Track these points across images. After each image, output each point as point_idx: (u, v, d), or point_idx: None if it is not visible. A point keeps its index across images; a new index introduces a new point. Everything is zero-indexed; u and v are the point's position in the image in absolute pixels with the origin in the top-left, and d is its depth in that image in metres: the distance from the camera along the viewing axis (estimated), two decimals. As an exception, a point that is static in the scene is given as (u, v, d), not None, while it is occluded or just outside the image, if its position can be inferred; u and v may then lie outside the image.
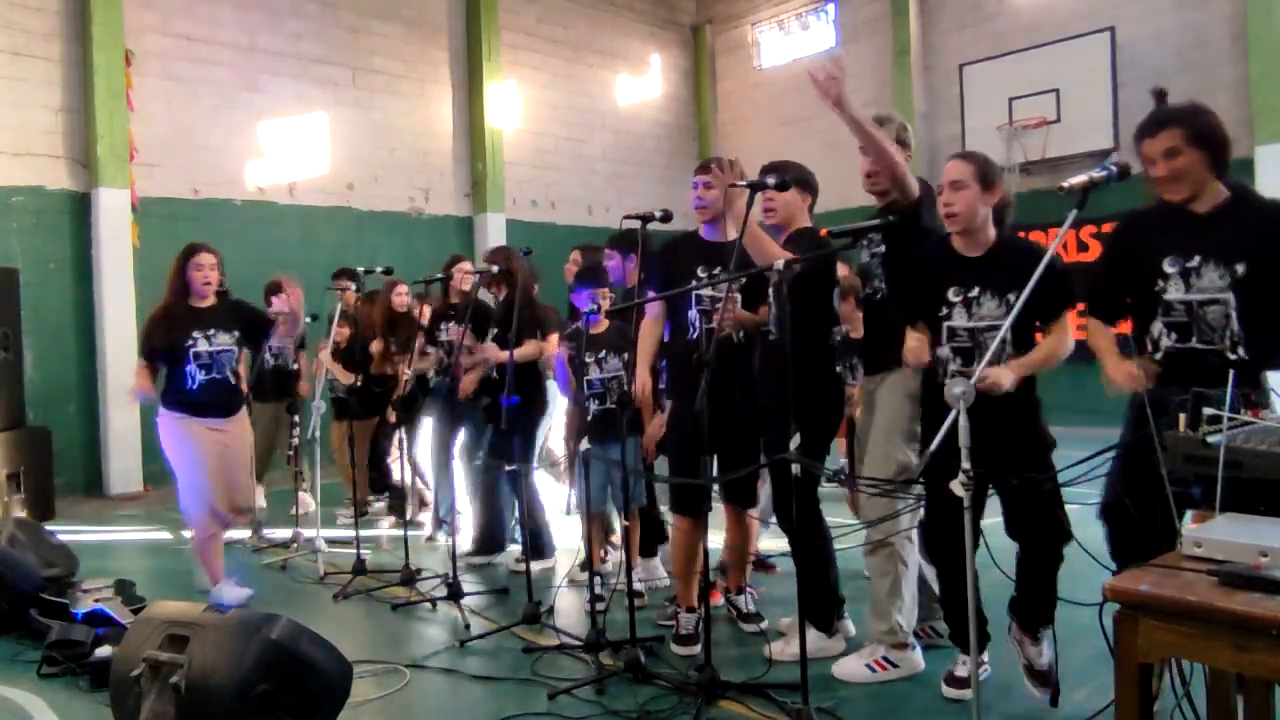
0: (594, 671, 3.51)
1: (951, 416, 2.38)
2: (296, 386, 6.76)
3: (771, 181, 3.20)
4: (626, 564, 3.69)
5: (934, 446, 2.42)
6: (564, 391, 4.81)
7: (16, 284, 7.60)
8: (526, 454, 5.04)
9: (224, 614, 2.78)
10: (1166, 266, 2.67)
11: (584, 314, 4.25)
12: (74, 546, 5.12)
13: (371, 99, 10.71)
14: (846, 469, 4.33)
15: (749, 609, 4.06)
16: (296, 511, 6.18)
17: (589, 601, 3.98)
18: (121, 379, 8.53)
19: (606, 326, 4.51)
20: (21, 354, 7.59)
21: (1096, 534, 2.76)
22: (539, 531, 5.17)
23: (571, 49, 12.78)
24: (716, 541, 4.34)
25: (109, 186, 8.54)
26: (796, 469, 2.95)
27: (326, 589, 4.93)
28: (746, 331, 3.78)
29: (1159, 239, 2.71)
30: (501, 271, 5.03)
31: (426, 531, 6.06)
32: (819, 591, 3.58)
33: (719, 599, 4.18)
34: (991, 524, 2.95)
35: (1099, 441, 2.61)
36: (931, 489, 3.00)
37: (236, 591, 4.59)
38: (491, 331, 5.31)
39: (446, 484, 5.47)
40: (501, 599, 4.68)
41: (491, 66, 11.57)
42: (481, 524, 5.46)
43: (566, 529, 5.65)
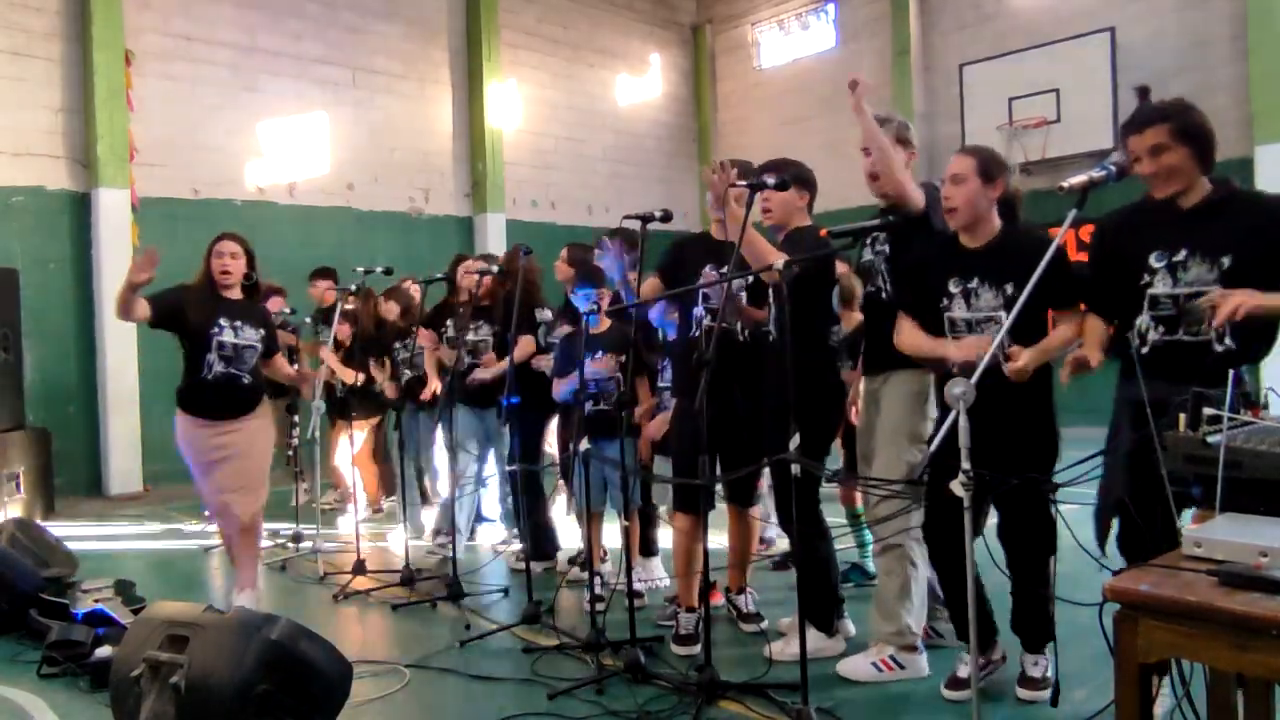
0: (594, 671, 3.50)
1: (952, 416, 2.38)
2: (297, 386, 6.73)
3: (771, 181, 3.19)
4: (626, 564, 3.69)
5: (934, 446, 2.41)
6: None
7: (16, 284, 7.61)
8: (528, 454, 5.02)
9: (224, 614, 2.78)
10: (1153, 261, 2.67)
11: (584, 314, 4.24)
12: (74, 546, 5.13)
13: (371, 99, 10.71)
14: (844, 466, 4.32)
15: (749, 609, 4.06)
16: (296, 506, 6.19)
17: (589, 601, 3.98)
18: (122, 379, 8.56)
19: (607, 327, 4.51)
20: (21, 354, 7.59)
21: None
22: (542, 531, 5.16)
23: (571, 49, 12.78)
24: (717, 542, 4.33)
25: (109, 186, 8.55)
26: (796, 469, 2.95)
27: (326, 589, 4.93)
28: (750, 330, 3.77)
29: (1145, 234, 2.72)
30: (501, 271, 5.02)
31: (428, 532, 5.98)
32: (819, 592, 3.58)
33: (719, 599, 4.18)
34: (992, 524, 2.95)
35: (1099, 442, 2.61)
36: (931, 489, 3.00)
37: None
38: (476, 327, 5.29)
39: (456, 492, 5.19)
40: (501, 599, 4.68)
41: (491, 66, 11.57)
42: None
43: (566, 530, 5.65)
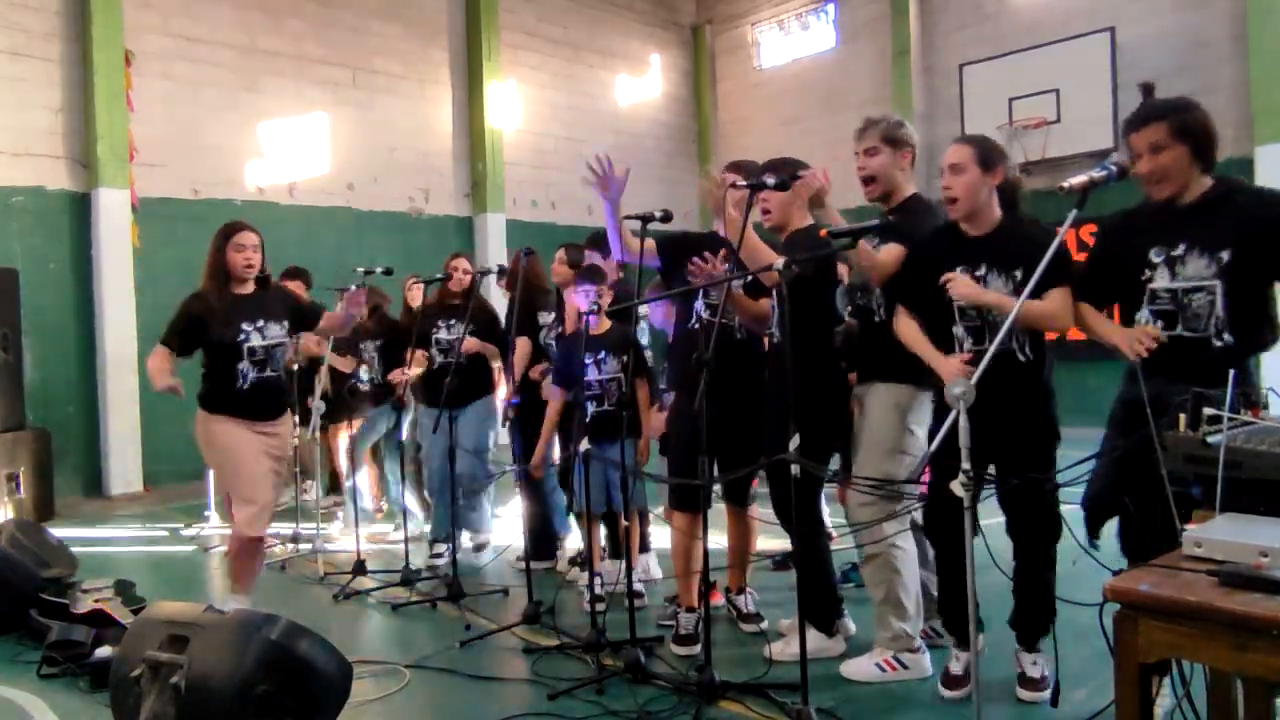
0: (594, 671, 3.50)
1: (952, 417, 2.38)
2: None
3: (771, 182, 3.19)
4: (626, 564, 3.69)
5: (934, 446, 2.41)
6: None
7: (16, 284, 7.61)
8: (529, 454, 5.01)
9: (224, 614, 2.78)
10: (1152, 256, 2.68)
11: (584, 314, 4.23)
12: (74, 547, 5.13)
13: (371, 99, 10.71)
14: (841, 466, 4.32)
15: (749, 609, 4.06)
16: (297, 508, 6.18)
17: (589, 602, 3.98)
18: (122, 379, 8.55)
19: (608, 327, 4.49)
20: (21, 354, 7.60)
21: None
22: (544, 530, 5.16)
23: (571, 49, 12.79)
24: (716, 542, 4.33)
25: (109, 187, 8.55)
26: (796, 469, 2.95)
27: (326, 589, 4.93)
28: (747, 328, 3.77)
29: (1145, 230, 2.73)
30: (501, 271, 5.02)
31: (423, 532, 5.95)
32: (819, 592, 3.58)
33: (719, 599, 4.17)
34: (993, 524, 2.95)
35: (1099, 442, 2.61)
36: (933, 487, 3.00)
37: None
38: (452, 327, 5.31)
39: (445, 497, 5.12)
40: (501, 599, 4.69)
41: (491, 66, 11.57)
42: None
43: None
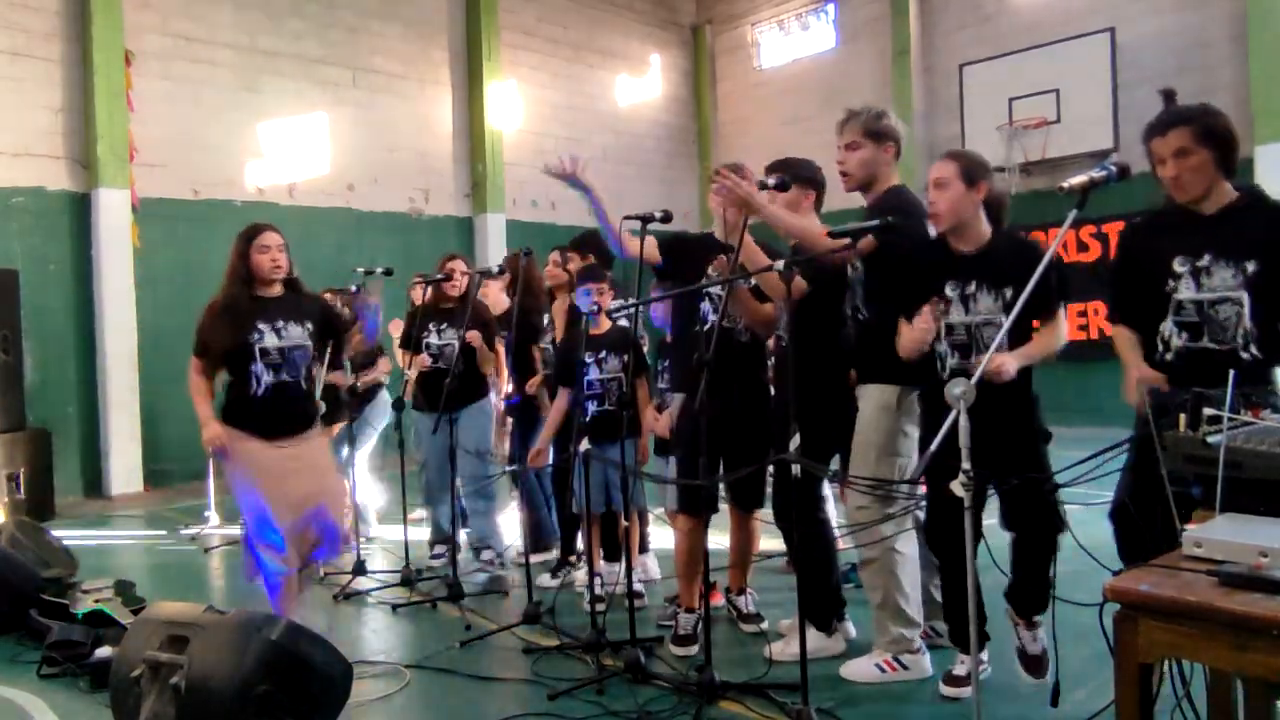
0: (594, 672, 3.50)
1: (951, 417, 2.38)
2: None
3: (772, 182, 3.19)
4: (626, 564, 3.69)
5: (934, 447, 2.41)
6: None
7: (17, 285, 7.62)
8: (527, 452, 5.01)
9: (224, 614, 2.78)
10: (1177, 266, 2.65)
11: (584, 314, 4.23)
12: (74, 547, 5.13)
13: (371, 99, 10.72)
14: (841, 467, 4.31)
15: (749, 609, 4.06)
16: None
17: (589, 602, 3.98)
18: (122, 379, 8.56)
19: (608, 326, 4.48)
20: (22, 355, 7.60)
21: (1096, 533, 2.76)
22: (540, 523, 5.16)
23: (571, 49, 12.79)
24: (717, 543, 4.33)
25: (109, 187, 8.55)
26: (796, 469, 2.95)
27: (326, 589, 4.93)
28: (753, 331, 3.77)
29: (1169, 239, 2.71)
30: (501, 270, 5.02)
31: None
32: (819, 592, 3.58)
33: (719, 599, 4.17)
34: (991, 524, 2.95)
35: (1099, 442, 2.60)
36: (932, 488, 3.00)
37: None
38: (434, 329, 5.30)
39: (445, 498, 5.11)
40: (501, 599, 4.68)
41: (491, 66, 11.57)
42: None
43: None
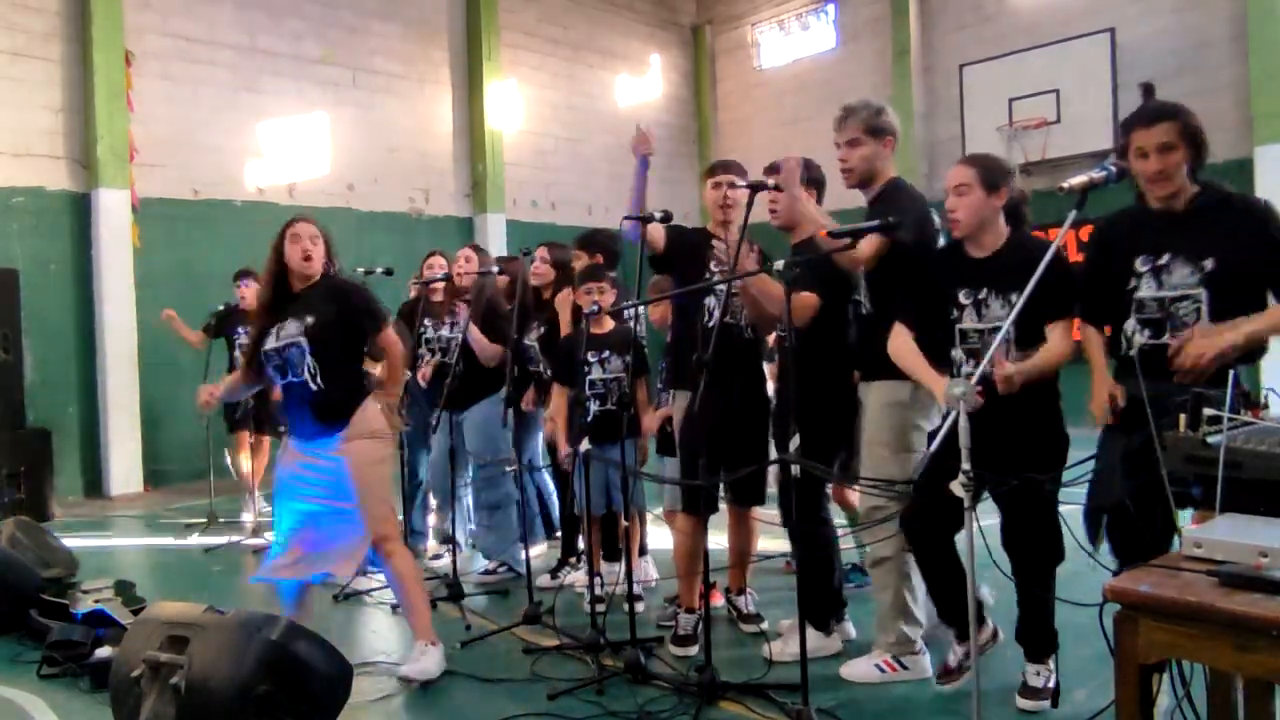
0: (594, 672, 3.50)
1: (952, 417, 2.38)
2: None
3: (771, 182, 3.19)
4: (626, 564, 3.69)
5: (934, 447, 2.42)
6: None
7: (17, 285, 7.62)
8: (525, 451, 5.00)
9: (224, 615, 2.78)
10: (1138, 265, 2.68)
11: (585, 313, 4.22)
12: (74, 546, 5.13)
13: (371, 99, 10.72)
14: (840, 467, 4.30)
15: (749, 610, 4.06)
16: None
17: (589, 602, 3.98)
18: (121, 379, 8.56)
19: (611, 326, 4.47)
20: (21, 355, 7.60)
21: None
22: (536, 518, 5.15)
23: (571, 49, 12.78)
24: (717, 543, 4.33)
25: (109, 187, 8.55)
26: (796, 469, 2.95)
27: (326, 589, 4.92)
28: (754, 328, 3.76)
29: (1131, 239, 2.74)
30: (502, 272, 5.01)
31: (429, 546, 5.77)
32: (821, 591, 3.58)
33: (719, 599, 4.17)
34: (990, 524, 2.95)
35: (1096, 443, 2.61)
36: (925, 487, 2.98)
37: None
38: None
39: (446, 500, 5.11)
40: (501, 599, 4.68)
41: (491, 66, 11.57)
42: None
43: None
